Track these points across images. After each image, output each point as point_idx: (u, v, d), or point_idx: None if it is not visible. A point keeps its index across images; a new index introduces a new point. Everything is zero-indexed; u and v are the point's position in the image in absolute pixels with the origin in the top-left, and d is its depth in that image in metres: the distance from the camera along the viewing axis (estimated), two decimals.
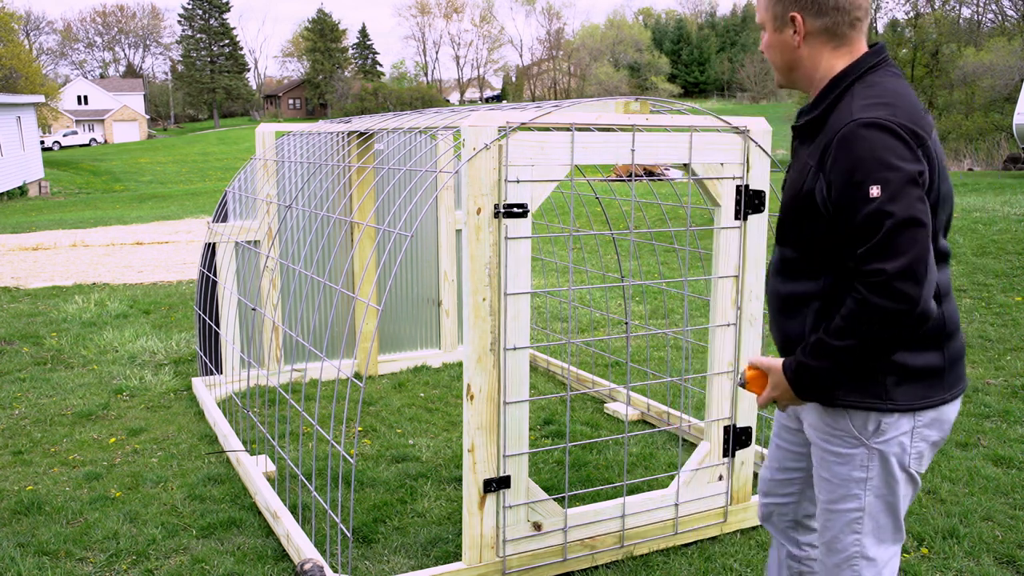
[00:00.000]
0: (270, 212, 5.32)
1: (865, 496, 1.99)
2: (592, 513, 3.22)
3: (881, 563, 2.03)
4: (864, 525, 2.00)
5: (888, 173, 1.75)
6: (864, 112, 1.82)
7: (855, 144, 1.79)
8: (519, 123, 2.85)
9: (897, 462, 1.96)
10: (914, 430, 1.96)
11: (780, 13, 1.98)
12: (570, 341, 4.13)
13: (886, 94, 1.86)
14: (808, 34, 1.96)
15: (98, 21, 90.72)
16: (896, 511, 2.01)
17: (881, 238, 1.74)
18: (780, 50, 2.03)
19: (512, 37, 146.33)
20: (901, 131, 1.78)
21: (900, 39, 37.87)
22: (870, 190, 1.75)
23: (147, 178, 39.46)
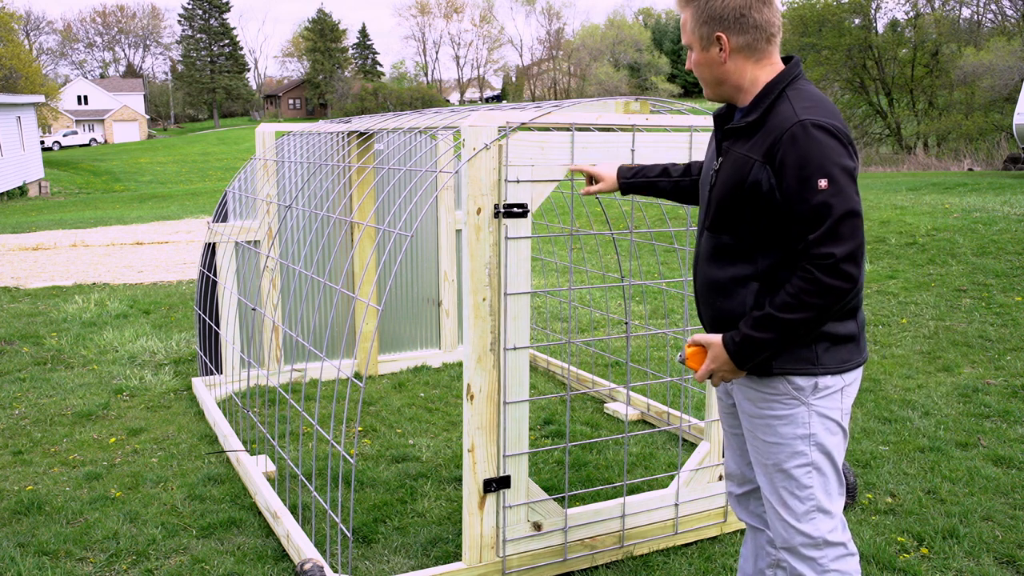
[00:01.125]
0: (270, 212, 5.32)
1: (810, 451, 2.18)
2: (592, 513, 3.22)
3: (835, 515, 2.22)
4: (814, 478, 2.19)
5: (833, 169, 2.00)
6: (806, 114, 2.05)
7: (803, 142, 2.02)
8: (519, 123, 2.85)
9: (832, 418, 2.19)
10: (843, 389, 2.19)
11: (706, 34, 2.18)
12: (570, 341, 4.12)
13: (817, 100, 2.11)
14: (732, 51, 2.17)
15: (98, 21, 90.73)
16: (836, 465, 2.22)
17: (830, 226, 1.98)
18: (708, 67, 2.23)
19: (512, 37, 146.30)
20: (839, 133, 2.04)
21: (900, 39, 37.85)
22: (819, 183, 2.00)
23: (147, 178, 39.47)
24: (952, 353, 5.79)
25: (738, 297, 2.20)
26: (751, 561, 2.58)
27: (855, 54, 36.38)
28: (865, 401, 4.94)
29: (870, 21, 37.75)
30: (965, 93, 33.18)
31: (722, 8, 2.14)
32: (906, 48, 37.12)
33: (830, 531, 2.20)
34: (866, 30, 37.03)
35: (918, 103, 37.10)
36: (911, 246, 9.03)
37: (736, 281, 2.20)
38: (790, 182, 2.03)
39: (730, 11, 2.14)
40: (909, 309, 6.98)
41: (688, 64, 2.29)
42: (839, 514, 2.23)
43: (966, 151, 27.88)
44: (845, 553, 2.22)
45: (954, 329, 6.34)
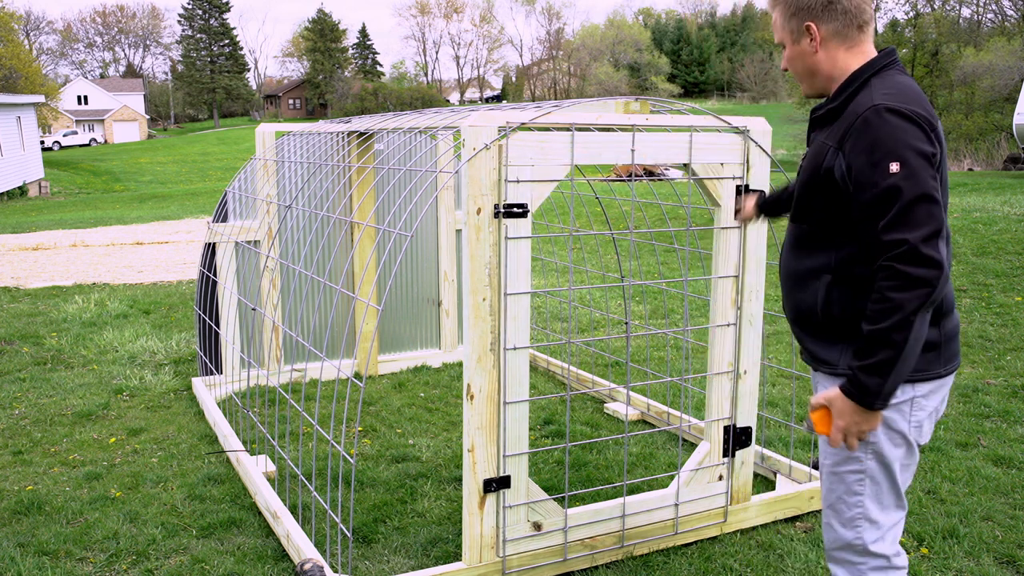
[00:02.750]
0: (270, 212, 5.32)
1: (867, 459, 2.11)
2: (592, 513, 3.22)
3: (883, 527, 2.15)
4: (866, 487, 2.13)
5: (906, 152, 1.92)
6: (883, 99, 1.99)
7: (876, 126, 1.96)
8: (519, 123, 2.85)
9: (897, 430, 2.09)
10: (913, 400, 2.08)
11: (796, 27, 2.18)
12: (570, 341, 4.13)
13: (901, 87, 2.04)
14: (823, 40, 2.16)
15: (98, 21, 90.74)
16: (895, 478, 2.13)
17: (899, 210, 1.89)
18: (801, 59, 2.21)
19: (512, 37, 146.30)
20: (917, 117, 1.96)
21: (900, 39, 37.85)
22: (890, 166, 1.91)
23: (147, 178, 39.47)
24: None
25: (811, 288, 2.15)
26: None
27: None
28: None
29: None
30: (965, 93, 33.20)
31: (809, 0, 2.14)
32: (906, 48, 37.12)
33: (873, 541, 2.15)
34: None
35: None
36: None
37: (811, 272, 2.15)
38: (860, 167, 1.96)
39: (819, 0, 2.13)
40: None
41: (783, 63, 2.29)
42: (889, 526, 2.16)
43: (966, 151, 27.88)
44: (887, 566, 2.16)
45: None
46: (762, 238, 3.36)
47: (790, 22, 2.19)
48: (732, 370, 3.39)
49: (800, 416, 4.72)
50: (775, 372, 5.58)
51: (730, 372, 3.39)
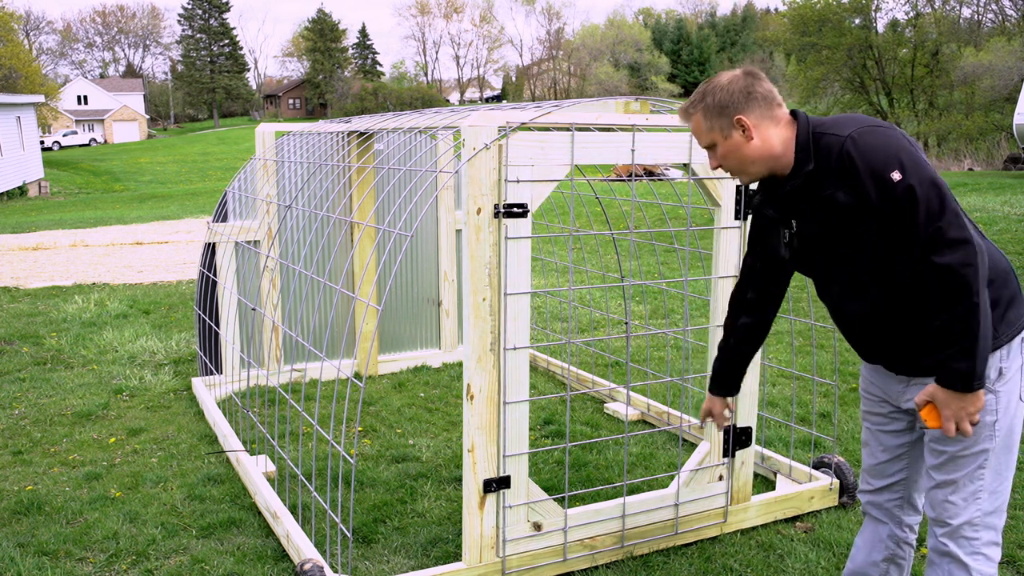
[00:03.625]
0: (270, 212, 5.32)
1: (996, 437, 2.21)
2: (592, 513, 3.22)
3: (1000, 496, 2.26)
4: (989, 462, 2.23)
5: (900, 155, 2.07)
6: (845, 130, 2.14)
7: (860, 151, 2.10)
8: (519, 123, 2.85)
9: (1016, 396, 2.22)
10: (1023, 367, 2.20)
11: (725, 124, 2.26)
12: (570, 341, 4.13)
13: (843, 118, 2.20)
14: (755, 127, 2.25)
15: (98, 21, 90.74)
16: (1014, 444, 2.25)
17: (921, 206, 2.02)
18: (736, 153, 2.29)
19: (512, 37, 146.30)
20: (882, 127, 2.12)
21: (900, 39, 37.84)
22: (892, 175, 2.05)
23: (147, 178, 39.46)
24: None
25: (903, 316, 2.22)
26: (864, 552, 2.58)
27: (855, 54, 36.38)
28: None
29: (870, 21, 37.75)
30: (965, 93, 33.19)
31: (728, 97, 2.25)
32: (906, 48, 37.11)
33: (989, 512, 2.25)
34: (866, 30, 37.03)
35: (918, 103, 37.11)
36: None
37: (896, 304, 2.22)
38: (869, 190, 2.09)
39: (736, 95, 2.24)
40: None
41: (713, 163, 2.35)
42: (1004, 496, 2.27)
43: (966, 151, 27.87)
44: (996, 541, 2.27)
45: None
46: None
47: (717, 121, 2.26)
48: None
49: (800, 416, 4.72)
50: (775, 372, 5.58)
51: None
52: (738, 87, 2.25)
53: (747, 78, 2.27)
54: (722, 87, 2.27)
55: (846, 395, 5.06)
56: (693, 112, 2.32)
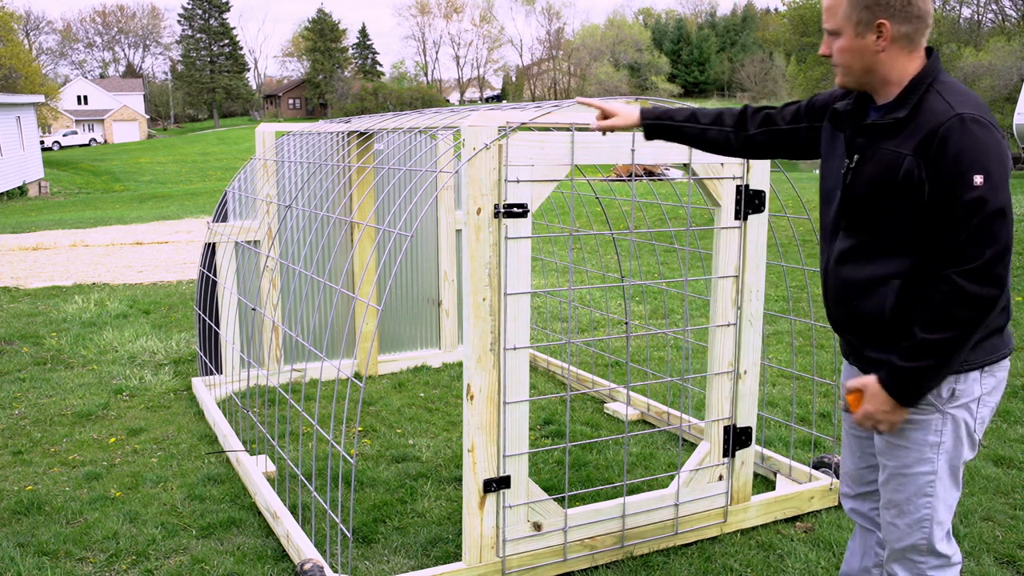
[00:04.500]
0: (270, 212, 5.32)
1: (938, 460, 2.13)
2: (592, 513, 3.22)
3: (946, 525, 2.20)
4: (936, 488, 2.15)
5: (991, 165, 1.93)
6: (962, 108, 1.97)
7: (960, 137, 1.95)
8: (519, 123, 2.85)
9: (965, 427, 2.13)
10: (980, 398, 2.12)
11: (866, 19, 2.07)
12: (570, 341, 4.14)
13: (969, 95, 2.03)
14: (892, 40, 2.07)
15: (98, 21, 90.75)
16: (959, 475, 2.17)
17: (978, 224, 1.91)
18: (860, 55, 2.10)
19: (512, 37, 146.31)
20: (996, 128, 1.98)
21: None
22: (974, 179, 1.91)
23: (147, 178, 39.47)
24: None
25: (878, 295, 2.12)
26: (858, 557, 2.55)
27: None
28: None
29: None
30: None
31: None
32: None
33: (939, 540, 2.18)
34: None
35: None
36: None
37: (878, 280, 2.12)
38: (945, 177, 1.95)
39: (897, 0, 2.04)
40: None
41: (825, 49, 2.16)
42: (949, 524, 2.21)
43: None
44: (947, 564, 2.21)
45: None
46: (762, 238, 3.36)
47: (860, 13, 2.07)
48: (732, 370, 3.39)
49: (800, 416, 4.72)
50: (775, 372, 5.58)
51: (730, 372, 3.39)
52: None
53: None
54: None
55: None
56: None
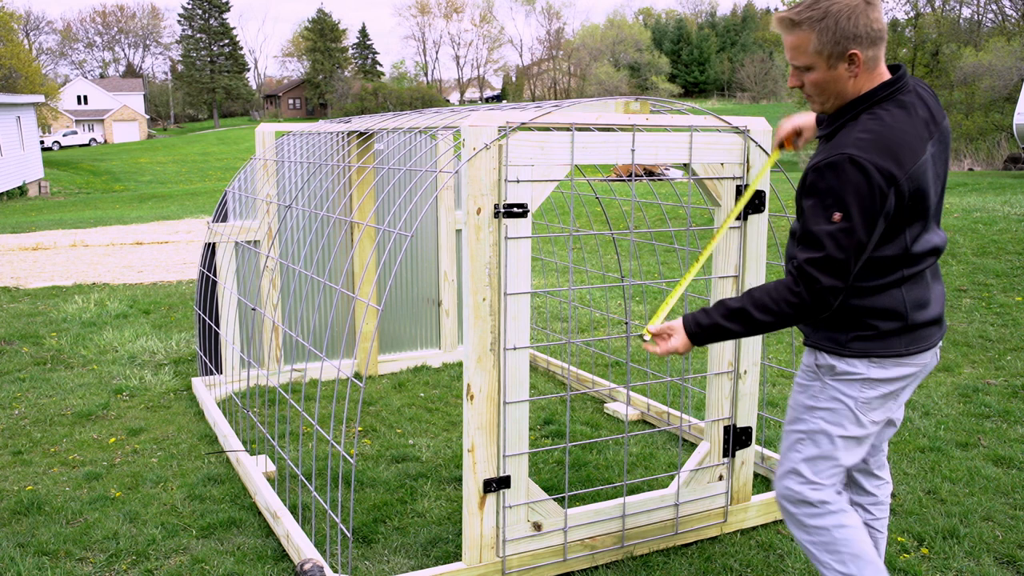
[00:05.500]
0: (270, 212, 5.32)
1: (809, 423, 2.40)
2: (592, 513, 3.22)
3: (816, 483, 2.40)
4: (805, 446, 2.41)
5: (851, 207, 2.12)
6: (854, 147, 2.13)
7: (835, 173, 2.13)
8: (519, 123, 2.85)
9: (844, 402, 2.35)
10: (866, 379, 2.32)
11: (838, 52, 2.17)
12: (570, 341, 4.12)
13: (881, 131, 2.15)
14: (863, 66, 2.20)
15: (98, 21, 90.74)
16: (834, 448, 2.38)
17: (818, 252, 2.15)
18: (834, 84, 2.23)
19: (512, 37, 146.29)
20: (878, 171, 2.11)
21: (900, 39, 37.82)
22: (834, 215, 2.13)
23: (147, 178, 39.47)
24: (952, 353, 5.79)
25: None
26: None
27: None
28: None
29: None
30: (965, 93, 33.19)
31: (855, 26, 2.14)
32: (906, 48, 37.09)
33: (809, 491, 2.40)
34: None
35: None
36: None
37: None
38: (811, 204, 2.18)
39: (863, 28, 2.14)
40: None
41: (795, 81, 2.28)
42: (823, 484, 2.40)
43: (966, 151, 27.87)
44: (819, 512, 2.40)
45: (954, 329, 6.34)
46: (762, 238, 3.36)
47: (831, 48, 2.17)
48: (732, 370, 3.39)
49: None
50: (775, 372, 5.58)
51: (730, 372, 3.39)
52: (863, 17, 2.13)
53: (869, 8, 2.14)
54: (846, 9, 2.13)
55: None
56: (803, 26, 2.17)
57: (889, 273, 2.26)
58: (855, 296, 2.28)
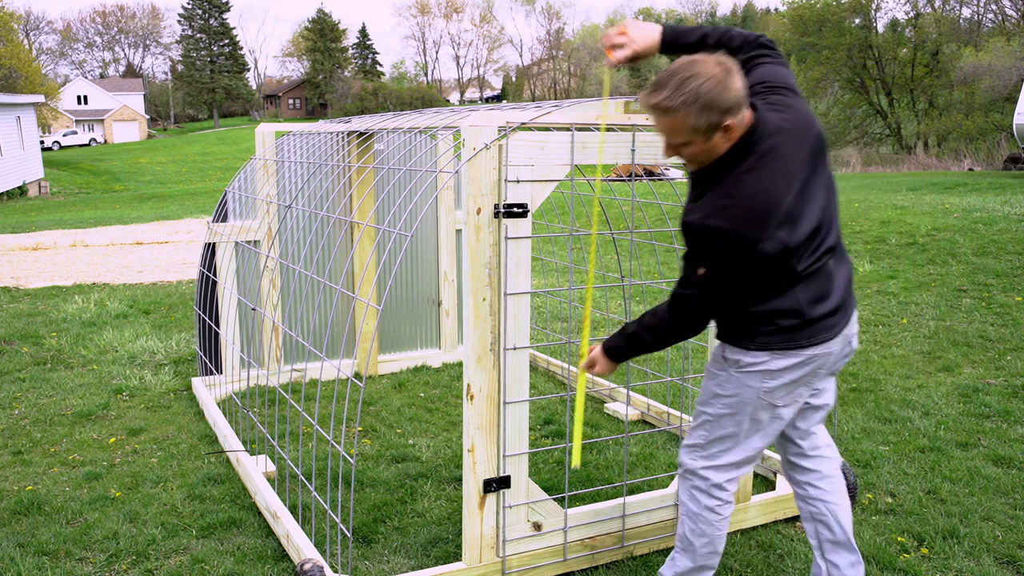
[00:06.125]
0: (270, 212, 5.32)
1: (713, 407, 2.62)
2: (592, 513, 3.22)
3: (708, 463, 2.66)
4: (706, 428, 2.66)
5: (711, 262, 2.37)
6: (716, 219, 2.32)
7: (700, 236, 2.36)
8: (519, 123, 2.85)
9: (749, 392, 2.55)
10: (767, 370, 2.51)
11: (713, 125, 2.29)
12: (570, 341, 4.13)
13: (742, 195, 2.32)
14: (735, 128, 2.33)
15: (98, 21, 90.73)
16: (738, 431, 2.60)
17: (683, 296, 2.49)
18: (709, 152, 2.38)
19: (512, 37, 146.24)
20: (735, 238, 2.30)
21: (900, 39, 37.82)
22: (699, 269, 2.39)
23: (147, 178, 39.47)
24: (952, 353, 5.79)
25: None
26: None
27: (855, 54, 36.38)
28: (865, 401, 4.94)
29: (870, 21, 37.75)
30: (965, 93, 33.19)
31: (724, 100, 2.25)
32: (906, 48, 37.09)
33: (700, 467, 2.66)
34: (866, 30, 37.03)
35: (918, 103, 37.11)
36: (911, 246, 9.03)
37: None
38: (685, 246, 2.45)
39: (732, 98, 2.26)
40: (909, 309, 6.98)
41: (671, 153, 2.42)
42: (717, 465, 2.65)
43: (966, 151, 27.87)
44: (700, 487, 2.67)
45: (954, 329, 6.34)
46: None
47: (706, 124, 2.28)
48: None
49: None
50: None
51: None
52: (729, 88, 2.25)
53: (728, 75, 2.25)
54: (714, 86, 2.24)
55: (846, 395, 5.06)
56: (677, 111, 2.28)
57: (784, 279, 2.43)
58: (753, 303, 2.46)
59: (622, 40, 2.74)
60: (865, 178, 19.64)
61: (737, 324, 2.53)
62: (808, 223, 2.39)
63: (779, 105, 2.45)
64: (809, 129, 2.43)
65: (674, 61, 2.37)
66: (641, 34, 2.74)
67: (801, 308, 2.46)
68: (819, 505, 2.77)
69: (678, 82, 2.26)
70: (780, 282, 2.43)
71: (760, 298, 2.45)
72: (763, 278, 2.41)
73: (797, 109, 2.47)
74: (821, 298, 2.49)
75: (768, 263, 2.36)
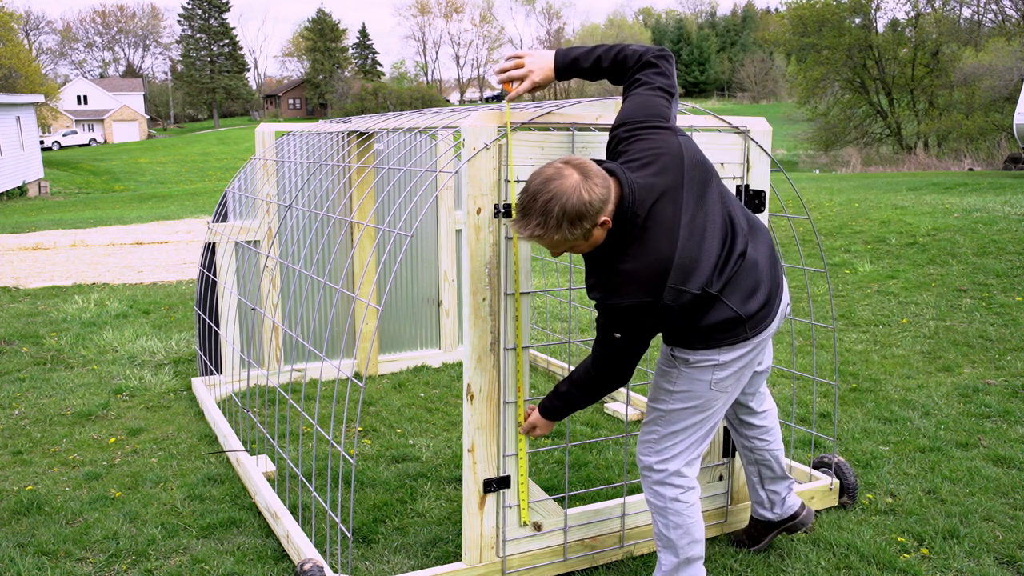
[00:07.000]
0: (270, 212, 5.32)
1: (669, 403, 2.73)
2: (592, 513, 3.22)
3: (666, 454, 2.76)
4: (661, 424, 2.76)
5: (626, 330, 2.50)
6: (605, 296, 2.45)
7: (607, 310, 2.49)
8: (519, 123, 2.85)
9: (699, 386, 2.67)
10: (716, 365, 2.64)
11: (588, 229, 2.37)
12: (570, 341, 4.11)
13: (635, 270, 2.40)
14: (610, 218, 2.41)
15: (98, 21, 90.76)
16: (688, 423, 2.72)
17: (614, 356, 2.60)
18: (592, 244, 2.46)
19: (512, 37, 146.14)
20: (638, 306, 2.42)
21: (900, 39, 37.82)
22: (614, 334, 2.51)
23: (147, 178, 39.48)
24: (952, 353, 5.79)
25: None
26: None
27: (855, 54, 36.37)
28: (865, 401, 4.94)
29: (870, 21, 37.75)
30: (965, 93, 33.19)
31: (588, 205, 2.31)
32: (906, 48, 37.09)
33: (655, 462, 2.76)
34: (866, 30, 37.03)
35: (918, 103, 37.11)
36: (911, 246, 9.03)
37: None
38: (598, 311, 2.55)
39: (596, 200, 2.32)
40: (909, 309, 6.98)
41: (558, 252, 2.47)
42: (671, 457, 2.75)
43: (966, 151, 27.88)
44: (660, 480, 2.76)
45: (954, 329, 6.34)
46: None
47: (585, 229, 2.35)
48: None
49: (800, 416, 4.72)
50: (775, 372, 5.58)
51: None
52: (591, 191, 2.30)
53: (585, 178, 2.30)
54: (573, 200, 2.29)
55: (846, 395, 5.06)
56: (552, 234, 2.34)
57: (707, 302, 2.53)
58: (688, 325, 2.56)
59: (520, 73, 2.79)
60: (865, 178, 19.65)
61: (679, 338, 2.64)
62: (708, 258, 2.46)
63: (642, 157, 2.46)
64: (680, 166, 2.45)
65: (530, 176, 2.41)
66: (539, 64, 2.78)
67: (736, 312, 2.58)
68: (764, 454, 3.10)
69: (542, 207, 2.30)
70: (705, 305, 2.52)
71: (694, 320, 2.55)
72: (687, 314, 2.50)
73: (664, 149, 2.47)
74: (752, 292, 2.60)
75: (683, 305, 2.45)
